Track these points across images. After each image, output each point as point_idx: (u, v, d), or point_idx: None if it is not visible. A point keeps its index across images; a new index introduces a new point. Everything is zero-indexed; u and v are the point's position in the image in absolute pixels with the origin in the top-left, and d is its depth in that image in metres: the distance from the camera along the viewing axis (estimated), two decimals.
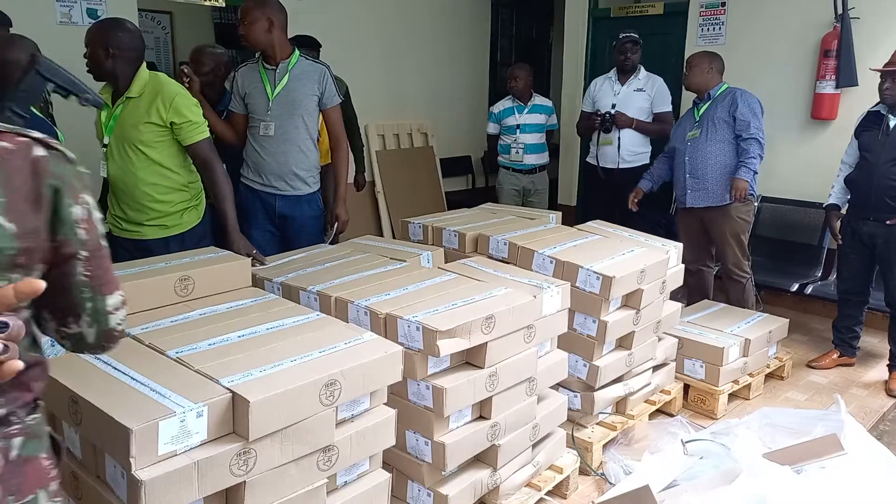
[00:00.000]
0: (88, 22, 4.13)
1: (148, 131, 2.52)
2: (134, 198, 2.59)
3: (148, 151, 2.54)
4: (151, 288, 1.89)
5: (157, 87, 2.53)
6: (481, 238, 2.74)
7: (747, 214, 3.76)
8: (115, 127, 2.55)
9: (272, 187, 3.05)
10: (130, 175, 2.56)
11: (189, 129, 2.55)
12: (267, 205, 3.08)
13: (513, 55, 7.12)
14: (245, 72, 3.11)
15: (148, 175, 2.57)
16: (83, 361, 1.54)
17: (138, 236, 2.66)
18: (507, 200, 4.70)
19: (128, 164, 2.56)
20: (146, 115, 2.50)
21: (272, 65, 3.02)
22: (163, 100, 2.51)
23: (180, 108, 2.52)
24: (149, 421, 1.29)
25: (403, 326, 1.88)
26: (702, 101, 3.79)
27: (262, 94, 3.02)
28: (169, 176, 2.60)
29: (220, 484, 1.39)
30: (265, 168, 3.04)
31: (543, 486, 2.34)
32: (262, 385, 1.44)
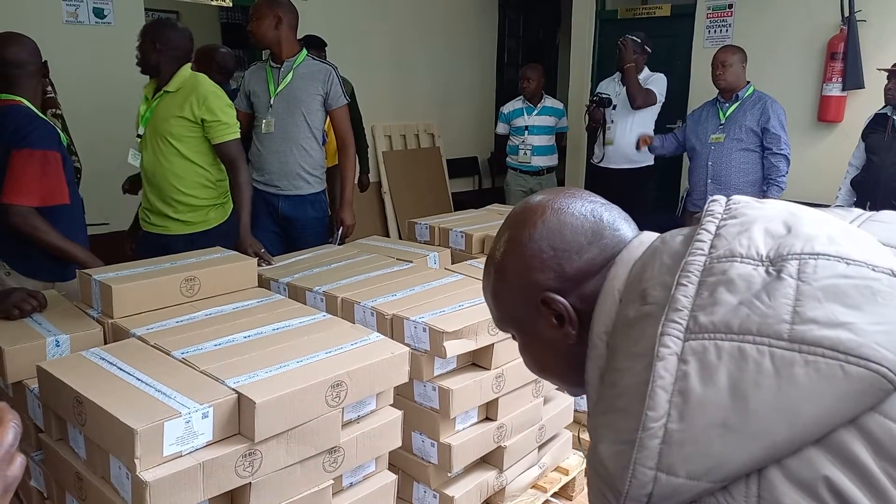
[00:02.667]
0: (95, 21, 4.15)
1: (178, 125, 2.58)
2: (162, 189, 2.66)
3: (177, 145, 2.60)
4: (157, 288, 1.88)
5: (194, 84, 2.61)
6: (488, 239, 2.73)
7: None
8: (151, 119, 2.64)
9: (274, 186, 3.05)
10: (160, 166, 2.64)
11: (218, 128, 2.62)
12: (270, 205, 3.07)
13: (520, 57, 7.11)
14: (253, 70, 3.14)
15: (176, 167, 2.63)
16: (88, 362, 1.53)
17: (164, 231, 2.70)
18: (515, 202, 4.64)
19: (158, 155, 2.63)
20: (179, 110, 2.58)
21: (277, 63, 3.03)
22: (197, 97, 2.58)
23: (212, 106, 2.58)
24: (154, 422, 1.28)
25: (410, 327, 1.87)
26: (727, 101, 3.70)
27: (265, 91, 3.03)
28: (197, 171, 2.66)
29: (225, 485, 1.38)
30: (267, 166, 3.04)
31: (549, 488, 2.32)
32: (268, 386, 1.43)
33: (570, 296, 0.77)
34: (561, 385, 0.90)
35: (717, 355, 0.60)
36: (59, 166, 2.21)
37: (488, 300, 0.88)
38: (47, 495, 1.66)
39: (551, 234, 0.78)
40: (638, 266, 0.74)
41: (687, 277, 0.65)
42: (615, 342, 0.70)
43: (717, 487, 0.59)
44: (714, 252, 0.66)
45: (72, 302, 1.96)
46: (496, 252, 0.84)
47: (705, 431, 0.58)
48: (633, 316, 0.68)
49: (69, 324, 1.78)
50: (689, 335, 0.62)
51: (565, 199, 0.81)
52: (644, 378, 0.62)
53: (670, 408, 0.59)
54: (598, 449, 0.64)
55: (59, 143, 2.26)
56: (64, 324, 1.78)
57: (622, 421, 0.63)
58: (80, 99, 3.80)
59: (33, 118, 2.23)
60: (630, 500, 0.60)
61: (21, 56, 2.24)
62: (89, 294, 1.91)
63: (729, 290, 0.62)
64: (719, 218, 0.71)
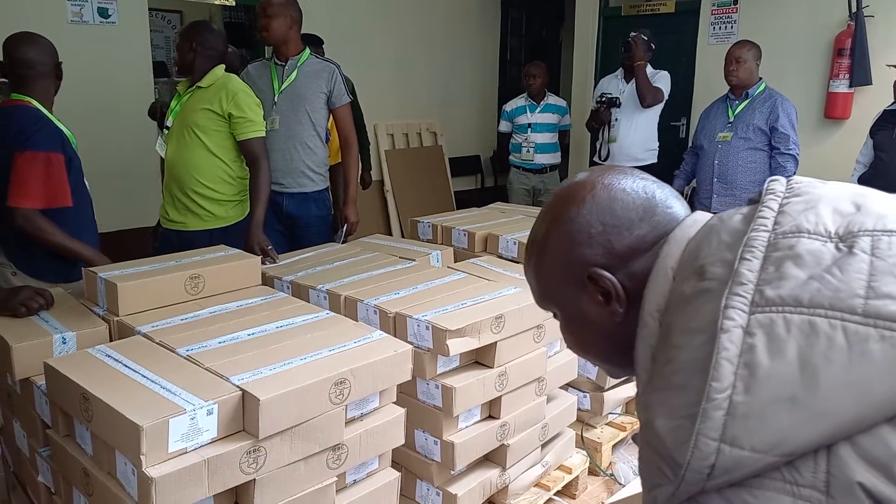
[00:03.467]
0: (99, 21, 4.16)
1: (205, 117, 2.64)
2: (183, 181, 2.69)
3: (203, 137, 2.65)
4: (162, 286, 1.89)
5: (226, 81, 2.69)
6: (491, 237, 2.74)
7: None
8: (180, 112, 2.70)
9: (278, 184, 3.05)
10: (183, 158, 2.68)
11: (245, 124, 2.67)
12: (274, 203, 3.07)
13: (522, 55, 7.10)
14: (257, 67, 3.15)
15: (199, 160, 2.67)
16: (94, 359, 1.55)
17: (183, 227, 2.73)
18: (518, 200, 4.68)
19: (183, 146, 2.67)
20: (208, 103, 2.64)
21: (282, 61, 3.04)
22: (227, 93, 2.65)
23: (241, 103, 2.65)
24: (159, 418, 1.29)
25: (413, 325, 1.88)
26: (738, 98, 3.67)
27: (269, 88, 3.05)
28: (219, 165, 2.70)
29: (230, 481, 1.39)
30: (271, 164, 3.04)
31: (552, 486, 2.33)
32: (272, 383, 1.44)
33: (617, 273, 0.75)
34: (602, 365, 0.88)
35: (785, 329, 0.59)
36: (61, 168, 2.21)
37: (530, 277, 0.86)
38: (55, 491, 1.67)
39: (601, 209, 0.76)
40: (693, 244, 0.72)
41: (751, 252, 0.64)
42: (669, 319, 0.68)
43: (783, 462, 0.58)
44: (779, 228, 0.65)
45: (78, 300, 1.97)
46: (540, 228, 0.82)
47: (772, 405, 0.57)
48: (690, 292, 0.66)
49: (75, 321, 1.79)
50: (754, 308, 0.60)
51: (616, 176, 0.79)
52: (703, 353, 0.61)
53: (736, 380, 0.58)
54: (654, 425, 0.63)
55: (64, 144, 2.27)
56: (70, 321, 1.79)
57: (680, 396, 0.61)
58: (84, 98, 3.81)
59: (38, 119, 2.24)
60: (691, 471, 0.59)
61: (32, 56, 2.25)
62: (95, 292, 1.92)
63: (797, 265, 0.61)
64: (782, 196, 0.69)
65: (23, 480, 1.92)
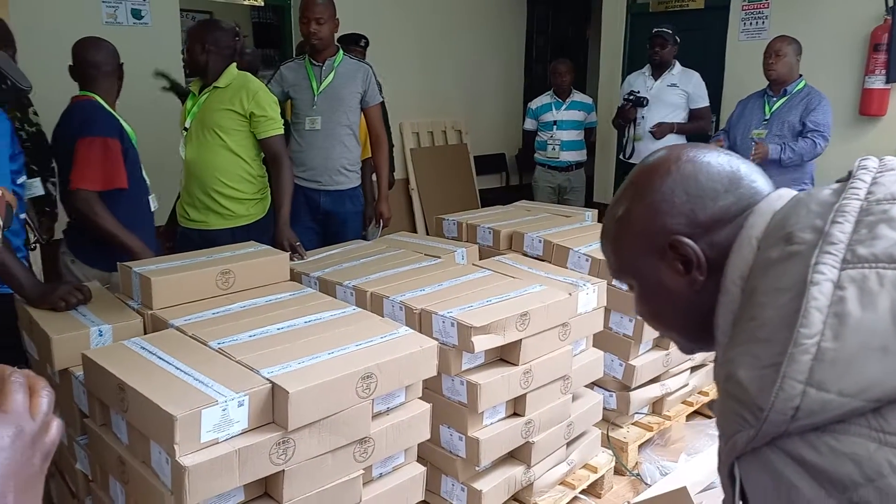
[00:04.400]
0: (133, 22, 4.25)
1: (227, 118, 2.68)
2: (205, 181, 2.73)
3: (224, 137, 2.69)
4: (194, 281, 1.94)
5: (244, 81, 2.72)
6: (516, 235, 2.74)
7: None
8: (198, 113, 2.72)
9: (316, 182, 3.13)
10: (205, 159, 2.72)
11: (265, 122, 2.71)
12: (310, 200, 3.16)
13: (548, 53, 7.08)
14: (291, 68, 3.18)
15: (221, 160, 2.71)
16: (129, 351, 1.59)
17: (205, 226, 2.78)
18: (543, 198, 4.68)
19: (204, 147, 2.71)
20: (228, 103, 2.68)
21: (319, 62, 3.09)
22: (247, 92, 2.68)
23: (262, 101, 2.68)
24: (192, 409, 1.32)
25: (438, 322, 1.89)
26: (776, 95, 3.61)
27: (307, 89, 3.11)
28: (240, 164, 2.74)
29: (260, 472, 1.42)
30: (310, 162, 3.13)
31: (578, 485, 2.33)
32: (301, 376, 1.46)
33: (699, 241, 0.76)
34: (675, 336, 0.88)
35: (878, 283, 0.60)
36: (118, 152, 2.33)
37: (607, 250, 0.86)
38: (92, 478, 1.73)
39: (686, 179, 0.77)
40: (779, 215, 0.72)
41: (843, 216, 0.65)
42: (753, 284, 0.69)
43: (870, 408, 0.58)
44: (872, 196, 0.66)
45: (113, 294, 2.03)
46: (621, 200, 0.83)
47: (862, 353, 0.58)
48: (777, 256, 0.67)
49: (111, 314, 1.85)
50: (846, 265, 0.61)
51: (701, 149, 0.81)
52: (789, 309, 0.61)
53: (825, 328, 0.59)
54: (736, 375, 0.63)
55: (121, 133, 2.38)
56: (106, 314, 1.84)
57: (765, 348, 0.62)
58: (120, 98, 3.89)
59: (98, 109, 2.37)
60: (774, 413, 0.60)
61: (97, 57, 2.42)
62: (130, 286, 1.97)
63: (891, 227, 0.62)
64: (875, 170, 0.70)
65: (61, 468, 1.98)
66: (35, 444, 0.58)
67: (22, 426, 0.57)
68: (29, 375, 0.62)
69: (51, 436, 0.60)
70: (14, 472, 0.55)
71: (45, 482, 0.60)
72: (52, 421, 0.61)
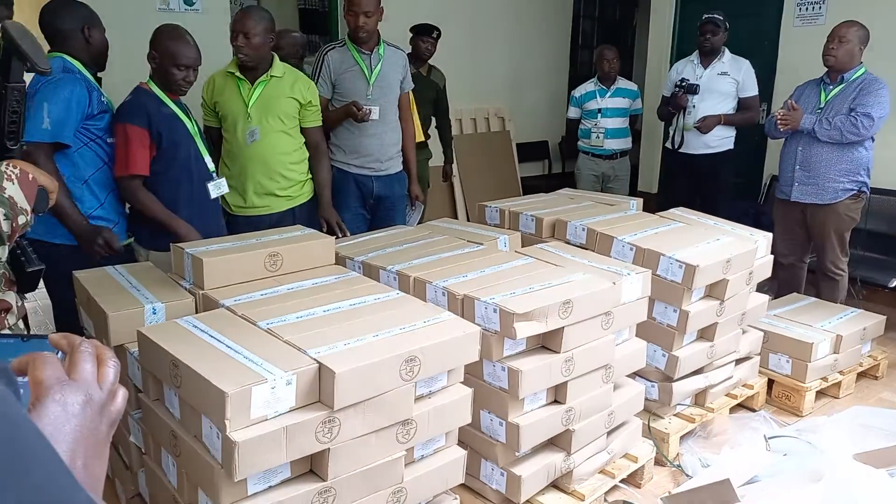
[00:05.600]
0: (185, 9, 4.33)
1: (290, 105, 2.86)
2: (271, 166, 2.86)
3: (287, 122, 2.86)
4: (244, 263, 1.99)
5: (294, 71, 2.94)
6: (559, 223, 2.72)
7: (856, 212, 3.51)
8: (258, 101, 2.82)
9: (369, 168, 3.23)
10: (270, 144, 2.84)
11: (315, 112, 2.95)
12: (362, 186, 3.25)
13: (595, 38, 6.97)
14: (337, 56, 3.19)
15: (286, 145, 2.88)
16: (183, 329, 1.64)
17: (266, 210, 2.90)
18: (586, 186, 4.62)
19: (269, 132, 2.83)
20: (290, 91, 2.85)
21: (367, 50, 3.14)
22: (303, 81, 2.92)
23: (314, 92, 2.94)
24: (243, 386, 1.36)
25: (481, 308, 1.90)
26: (832, 83, 3.47)
27: (359, 77, 3.16)
28: (297, 147, 2.93)
29: (306, 449, 1.46)
30: (365, 149, 3.20)
31: (618, 474, 2.32)
32: (347, 357, 1.49)
33: None
34: None
35: None
36: (137, 139, 2.38)
37: None
38: (145, 451, 1.80)
39: None
40: None
41: None
42: None
43: None
44: None
45: (166, 273, 2.10)
46: None
47: None
48: None
49: (164, 293, 1.91)
50: None
51: None
52: None
53: None
54: None
55: (152, 119, 2.41)
56: (160, 293, 1.91)
57: None
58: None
59: (135, 95, 2.46)
60: None
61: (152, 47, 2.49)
62: (182, 266, 2.03)
63: None
64: None
65: (115, 440, 2.06)
66: (103, 412, 0.60)
67: (91, 394, 0.59)
68: (98, 346, 0.65)
69: (117, 404, 0.62)
70: (83, 438, 0.57)
71: None
72: (118, 390, 0.63)
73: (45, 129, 2.22)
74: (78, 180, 2.37)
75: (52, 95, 2.24)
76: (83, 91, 2.31)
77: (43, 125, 2.22)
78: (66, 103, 2.26)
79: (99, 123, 2.39)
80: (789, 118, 3.37)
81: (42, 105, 2.21)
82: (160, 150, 2.45)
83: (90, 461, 0.57)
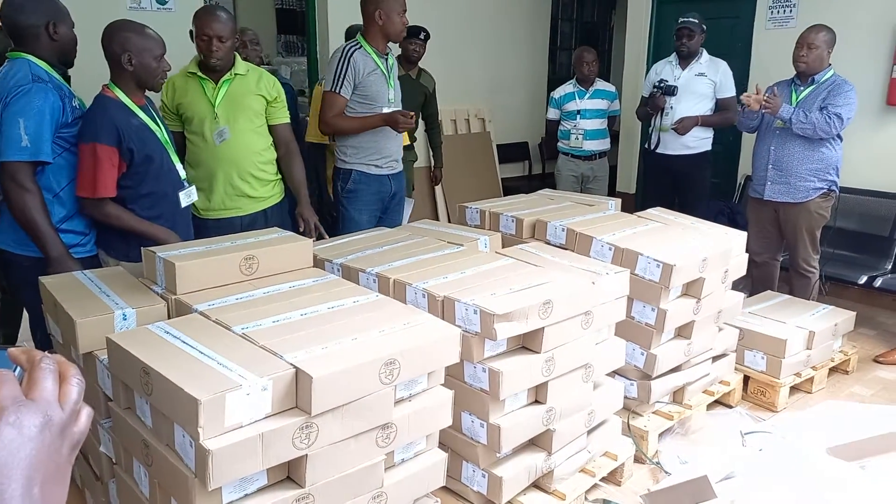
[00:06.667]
0: (157, 8, 4.26)
1: (257, 103, 2.80)
2: (242, 166, 2.80)
3: (256, 121, 2.81)
4: (218, 266, 1.95)
5: (256, 68, 2.89)
6: (539, 224, 2.72)
7: (826, 210, 3.57)
8: (224, 100, 2.75)
9: (389, 167, 3.27)
10: (240, 144, 2.78)
11: (282, 109, 2.88)
12: (383, 186, 3.27)
13: (573, 40, 7.00)
14: (361, 58, 3.08)
15: (255, 143, 2.82)
16: (153, 335, 1.60)
17: (238, 213, 2.85)
18: (566, 187, 4.64)
19: (239, 132, 2.77)
20: (256, 88, 2.80)
21: (383, 53, 3.15)
22: (267, 78, 2.86)
23: (279, 88, 2.87)
24: (217, 393, 1.33)
25: (461, 309, 1.89)
26: (803, 84, 3.53)
27: (382, 81, 3.15)
28: (267, 146, 2.88)
29: (283, 456, 1.43)
30: (386, 150, 3.22)
31: (598, 473, 2.32)
32: (325, 362, 1.47)
33: None
34: None
35: None
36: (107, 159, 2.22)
37: None
38: (115, 461, 1.75)
39: None
40: None
41: None
42: None
43: None
44: None
45: (137, 278, 2.05)
46: None
47: None
48: None
49: (135, 298, 1.86)
50: None
51: None
52: None
53: None
54: None
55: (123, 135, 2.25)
56: (130, 298, 1.86)
57: None
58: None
59: (94, 108, 2.28)
60: None
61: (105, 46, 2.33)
62: (154, 270, 1.99)
63: None
64: None
65: (85, 450, 2.01)
66: (63, 434, 0.55)
67: (50, 415, 0.55)
68: (60, 361, 0.60)
69: (80, 425, 0.57)
70: (41, 463, 0.52)
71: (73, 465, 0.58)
72: (82, 409, 0.58)
73: (25, 147, 2.11)
74: (48, 192, 2.24)
75: (26, 109, 2.12)
76: (56, 100, 2.19)
77: (22, 143, 2.11)
78: (41, 116, 2.14)
79: (73, 130, 2.26)
80: (771, 102, 3.40)
81: (17, 121, 2.10)
82: (131, 167, 2.30)
83: (48, 487, 0.53)
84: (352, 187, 3.19)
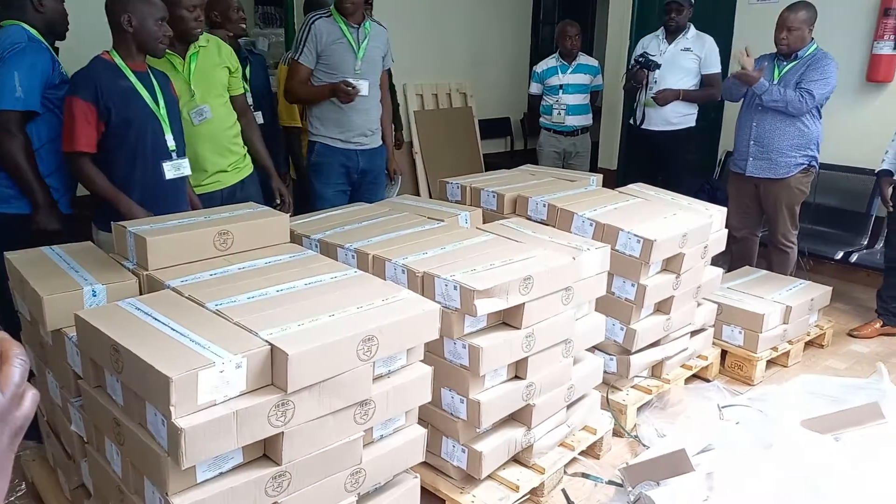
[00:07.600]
0: None
1: (223, 74, 2.75)
2: (219, 140, 2.73)
3: (224, 94, 2.75)
4: (191, 241, 1.90)
5: (214, 39, 2.78)
6: (520, 199, 2.70)
7: (806, 186, 3.59)
8: (196, 74, 2.66)
9: (355, 143, 3.19)
10: (217, 119, 2.70)
11: (240, 79, 2.83)
12: (349, 160, 3.21)
13: (556, 14, 6.91)
14: (325, 26, 3.05)
15: (228, 115, 2.77)
16: (124, 312, 1.56)
17: (217, 186, 2.76)
18: (548, 162, 4.61)
19: (213, 108, 2.69)
20: (220, 60, 2.73)
21: (354, 24, 3.06)
22: (224, 48, 2.78)
23: (235, 57, 2.81)
24: (189, 370, 1.30)
25: (441, 285, 1.86)
26: (786, 59, 3.51)
27: (348, 51, 3.07)
28: (236, 118, 2.82)
29: (258, 434, 1.41)
30: (350, 124, 3.15)
31: (577, 447, 2.33)
32: (301, 338, 1.44)
33: None
34: None
35: None
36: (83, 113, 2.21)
37: None
38: (87, 440, 1.71)
39: None
40: None
41: None
42: None
43: None
44: None
45: (108, 254, 1.99)
46: None
47: None
48: None
49: (105, 274, 1.81)
50: None
51: None
52: None
53: None
54: None
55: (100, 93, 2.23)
56: (100, 274, 1.81)
57: None
58: None
59: (89, 66, 2.30)
60: None
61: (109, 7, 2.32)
62: (125, 246, 1.94)
63: None
64: None
65: (56, 429, 1.97)
66: (4, 420, 0.51)
67: None
68: (3, 339, 0.55)
69: (24, 409, 0.53)
70: None
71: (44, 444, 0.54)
72: (25, 392, 0.53)
73: (19, 97, 2.26)
74: None
75: (20, 63, 2.27)
76: (47, 59, 2.34)
77: (16, 94, 2.25)
78: (34, 70, 2.28)
79: (59, 93, 2.36)
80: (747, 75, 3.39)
81: (12, 73, 2.25)
82: (109, 127, 2.25)
83: None
84: (315, 160, 3.18)
